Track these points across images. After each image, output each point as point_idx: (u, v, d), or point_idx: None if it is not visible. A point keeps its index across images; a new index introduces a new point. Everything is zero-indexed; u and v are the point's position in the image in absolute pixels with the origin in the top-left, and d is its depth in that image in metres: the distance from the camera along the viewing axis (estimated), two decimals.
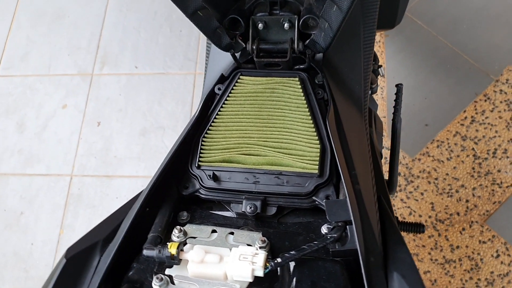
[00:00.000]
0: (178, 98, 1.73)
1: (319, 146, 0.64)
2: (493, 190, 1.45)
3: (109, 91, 1.77)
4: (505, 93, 1.57)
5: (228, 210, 0.65)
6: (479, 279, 1.36)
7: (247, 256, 0.53)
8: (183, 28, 1.84)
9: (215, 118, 0.68)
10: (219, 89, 0.71)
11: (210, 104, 0.70)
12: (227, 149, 0.65)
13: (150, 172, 1.63)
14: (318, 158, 0.63)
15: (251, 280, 0.52)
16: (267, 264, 0.53)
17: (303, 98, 0.67)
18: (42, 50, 1.91)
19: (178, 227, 0.58)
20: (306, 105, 0.67)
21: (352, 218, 0.55)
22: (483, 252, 1.39)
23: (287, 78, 0.70)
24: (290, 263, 0.54)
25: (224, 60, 0.78)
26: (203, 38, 1.81)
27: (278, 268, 0.55)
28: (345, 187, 0.58)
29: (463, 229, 1.42)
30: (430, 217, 1.44)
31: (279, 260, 0.53)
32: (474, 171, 1.49)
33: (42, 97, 1.82)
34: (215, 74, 0.78)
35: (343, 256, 0.56)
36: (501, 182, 1.46)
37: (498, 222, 1.42)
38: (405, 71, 1.67)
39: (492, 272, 1.37)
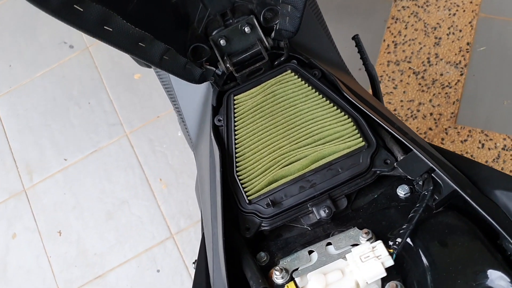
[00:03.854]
0: (123, 166, 1.62)
1: (350, 119, 0.61)
2: (446, 93, 1.52)
3: (52, 196, 1.63)
4: (407, 7, 1.65)
5: (298, 227, 0.61)
6: None
7: (367, 255, 0.50)
8: (90, 99, 1.73)
9: (236, 148, 0.63)
10: (219, 120, 0.66)
11: (220, 139, 0.65)
12: (267, 170, 0.61)
13: (137, 250, 1.52)
14: (357, 131, 0.60)
15: (385, 274, 0.49)
16: (391, 250, 0.50)
17: (306, 85, 0.65)
18: None
19: (277, 268, 0.53)
20: (313, 90, 0.64)
21: (432, 165, 0.54)
22: (469, 149, 1.45)
23: (279, 76, 0.66)
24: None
25: (195, 93, 0.73)
26: (115, 99, 1.71)
27: None
28: (404, 141, 0.56)
29: (442, 139, 1.47)
30: None
31: (398, 240, 0.50)
32: (421, 86, 1.54)
33: None
34: (196, 111, 0.73)
35: (444, 204, 0.54)
36: (449, 83, 1.53)
37: (466, 117, 1.49)
38: None
39: (486, 162, 1.43)
